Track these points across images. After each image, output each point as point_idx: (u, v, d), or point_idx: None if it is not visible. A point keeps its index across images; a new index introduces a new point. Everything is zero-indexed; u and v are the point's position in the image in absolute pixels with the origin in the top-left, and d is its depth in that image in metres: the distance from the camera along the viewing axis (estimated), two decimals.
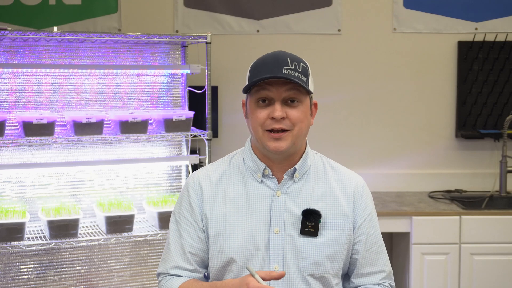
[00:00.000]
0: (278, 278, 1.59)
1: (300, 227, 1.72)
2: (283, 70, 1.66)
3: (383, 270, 1.83)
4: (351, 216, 1.77)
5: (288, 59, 1.69)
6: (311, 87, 1.74)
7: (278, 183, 1.76)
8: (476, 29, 4.06)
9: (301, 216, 1.72)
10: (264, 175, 1.76)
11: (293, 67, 1.67)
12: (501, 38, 4.04)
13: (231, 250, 1.72)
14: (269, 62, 1.69)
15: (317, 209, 1.73)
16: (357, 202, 1.79)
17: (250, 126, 1.74)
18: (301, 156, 1.78)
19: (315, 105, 1.80)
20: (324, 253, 1.73)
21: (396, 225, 3.58)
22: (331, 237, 1.74)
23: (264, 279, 1.58)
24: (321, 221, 1.73)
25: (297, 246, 1.72)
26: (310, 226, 1.72)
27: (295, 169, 1.76)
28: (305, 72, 1.71)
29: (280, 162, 1.76)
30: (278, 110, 1.67)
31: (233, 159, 1.84)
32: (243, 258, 1.71)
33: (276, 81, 1.67)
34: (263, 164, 1.76)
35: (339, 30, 4.07)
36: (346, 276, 1.87)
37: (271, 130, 1.69)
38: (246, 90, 1.72)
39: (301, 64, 1.71)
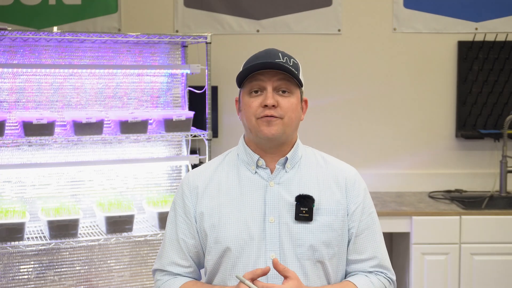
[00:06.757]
0: (263, 274, 1.62)
1: (294, 214, 1.75)
2: (275, 61, 1.74)
3: (372, 257, 1.83)
4: (344, 203, 1.80)
5: (280, 54, 1.78)
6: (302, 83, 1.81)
7: (271, 174, 1.80)
8: (476, 29, 4.06)
9: (294, 203, 1.76)
10: (257, 166, 1.80)
11: (284, 61, 1.76)
12: (501, 38, 4.03)
13: (227, 239, 1.75)
14: (261, 56, 1.78)
15: (310, 194, 1.77)
16: (349, 189, 1.82)
17: (244, 118, 1.80)
18: (292, 147, 1.83)
19: (306, 102, 1.86)
20: (319, 239, 1.75)
21: (396, 225, 3.57)
22: (325, 222, 1.76)
23: (252, 279, 1.61)
24: (315, 207, 1.76)
25: (292, 233, 1.74)
26: (304, 211, 1.75)
27: (287, 159, 1.80)
28: (296, 67, 1.78)
29: (273, 152, 1.80)
30: (270, 97, 1.73)
31: (228, 156, 1.89)
32: (238, 247, 1.75)
33: (268, 71, 1.74)
34: (256, 155, 1.80)
35: (339, 30, 4.07)
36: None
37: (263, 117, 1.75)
38: (240, 82, 1.79)
39: (292, 59, 1.79)
